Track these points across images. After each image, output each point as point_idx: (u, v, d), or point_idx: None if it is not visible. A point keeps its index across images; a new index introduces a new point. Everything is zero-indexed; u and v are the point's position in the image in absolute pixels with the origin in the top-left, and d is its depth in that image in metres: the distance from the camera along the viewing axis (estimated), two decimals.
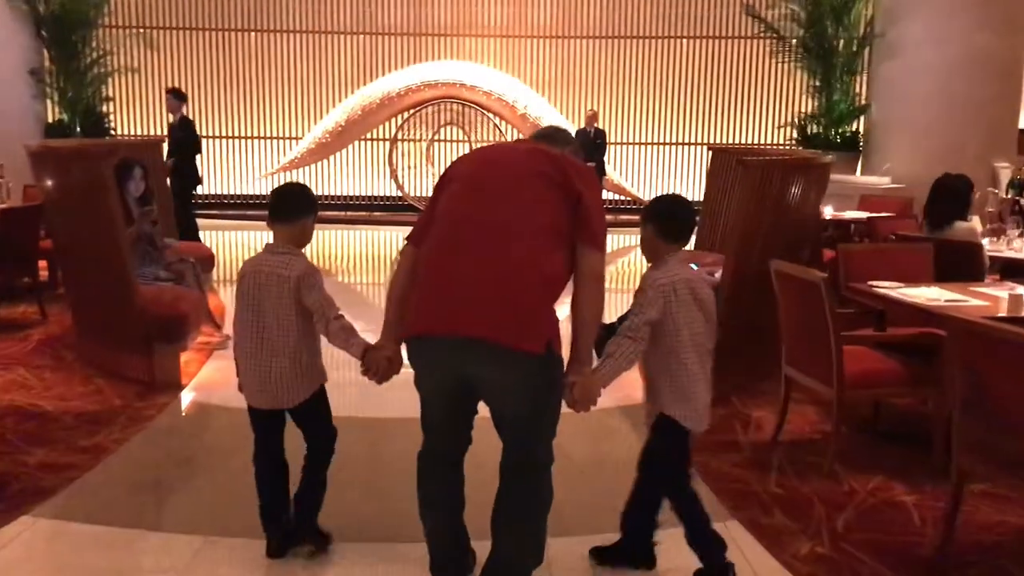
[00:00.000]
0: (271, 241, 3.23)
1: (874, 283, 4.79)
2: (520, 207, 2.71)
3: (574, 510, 3.73)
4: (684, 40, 15.27)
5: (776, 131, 14.88)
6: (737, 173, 7.84)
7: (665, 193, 3.18)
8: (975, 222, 5.90)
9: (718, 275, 5.90)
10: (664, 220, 3.03)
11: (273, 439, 3.33)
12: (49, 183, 5.78)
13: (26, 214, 6.82)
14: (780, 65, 14.16)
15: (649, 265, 3.09)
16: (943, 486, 4.04)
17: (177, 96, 10.13)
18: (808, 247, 6.14)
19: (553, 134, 3.14)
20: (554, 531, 3.03)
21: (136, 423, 4.86)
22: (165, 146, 9.61)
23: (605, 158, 13.59)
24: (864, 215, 8.36)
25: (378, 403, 4.46)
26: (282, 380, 3.18)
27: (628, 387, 4.33)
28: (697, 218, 3.18)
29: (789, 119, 14.48)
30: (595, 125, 13.28)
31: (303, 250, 3.28)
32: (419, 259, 2.81)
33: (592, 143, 13.07)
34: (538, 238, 2.67)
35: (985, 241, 5.83)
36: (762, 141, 15.15)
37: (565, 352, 2.83)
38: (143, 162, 6.36)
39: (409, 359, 2.83)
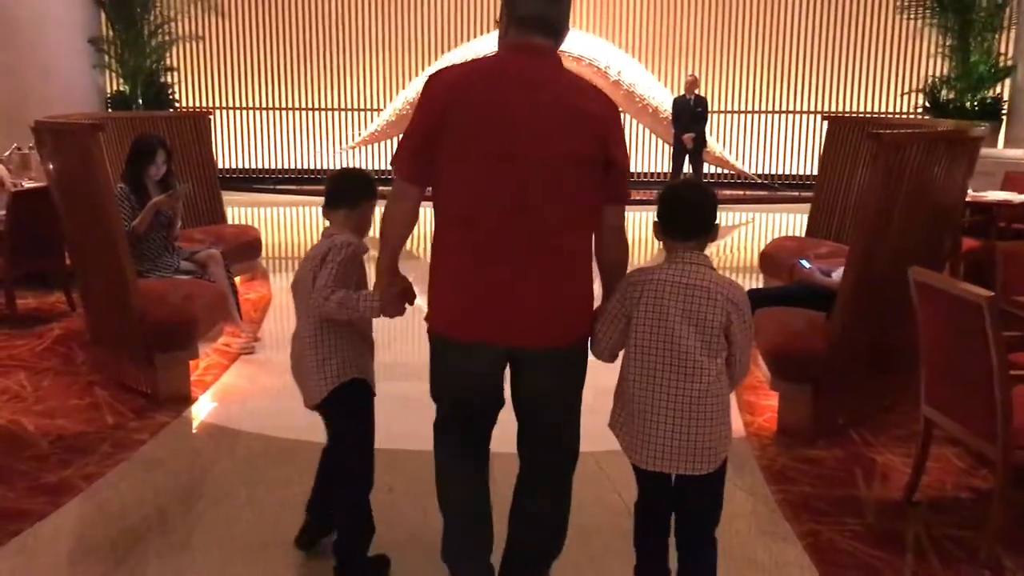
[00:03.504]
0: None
1: None
2: (561, 197, 2.39)
3: None
4: None
5: (900, 98, 13.32)
6: (865, 149, 6.65)
7: (680, 179, 2.29)
8: None
9: (836, 274, 4.80)
10: (661, 210, 2.52)
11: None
12: (49, 164, 5.03)
13: (38, 194, 6.11)
14: (906, 22, 12.56)
15: None
16: None
17: None
18: (950, 238, 4.95)
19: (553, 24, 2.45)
20: None
21: (121, 450, 4.08)
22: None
23: (707, 128, 12.39)
24: (1015, 197, 7.01)
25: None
26: (306, 369, 2.86)
27: None
28: (707, 215, 2.49)
29: (916, 84, 12.89)
30: (696, 92, 12.14)
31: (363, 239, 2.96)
32: (443, 242, 2.49)
33: (692, 111, 12.06)
34: (579, 226, 2.46)
35: None
36: (883, 109, 13.64)
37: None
38: (165, 141, 5.58)
39: (441, 361, 2.57)
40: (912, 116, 12.43)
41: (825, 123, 7.36)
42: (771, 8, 13.97)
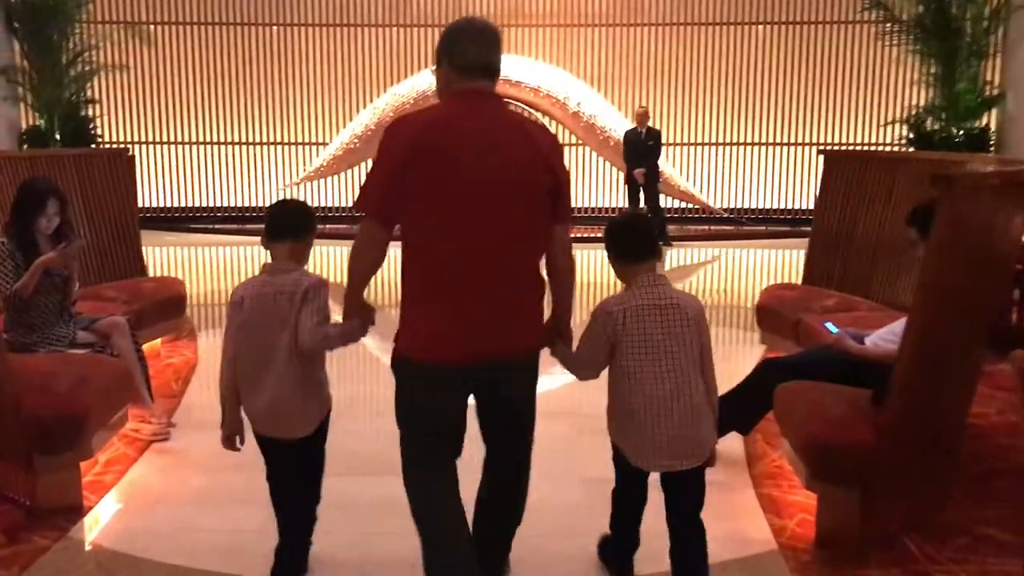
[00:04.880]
0: (269, 262, 3.06)
1: None
2: (520, 225, 2.62)
3: None
4: (762, 26, 13.42)
5: (880, 129, 12.76)
6: (870, 186, 5.96)
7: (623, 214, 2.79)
8: None
9: (870, 339, 4.02)
10: (620, 240, 2.90)
11: (291, 462, 3.11)
12: None
13: None
14: (885, 50, 12.08)
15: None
16: None
17: None
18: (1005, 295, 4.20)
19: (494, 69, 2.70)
20: None
21: None
22: None
23: (660, 160, 11.78)
24: None
25: None
26: (294, 408, 2.99)
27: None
28: (654, 235, 2.93)
29: (897, 114, 12.33)
30: (647, 125, 11.50)
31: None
32: (415, 275, 2.65)
33: (643, 145, 11.44)
34: (534, 249, 2.70)
35: None
36: (861, 140, 13.16)
37: None
38: (58, 187, 4.65)
39: (417, 383, 2.70)
40: (896, 147, 11.87)
41: (820, 157, 6.65)
42: (737, 39, 13.45)
